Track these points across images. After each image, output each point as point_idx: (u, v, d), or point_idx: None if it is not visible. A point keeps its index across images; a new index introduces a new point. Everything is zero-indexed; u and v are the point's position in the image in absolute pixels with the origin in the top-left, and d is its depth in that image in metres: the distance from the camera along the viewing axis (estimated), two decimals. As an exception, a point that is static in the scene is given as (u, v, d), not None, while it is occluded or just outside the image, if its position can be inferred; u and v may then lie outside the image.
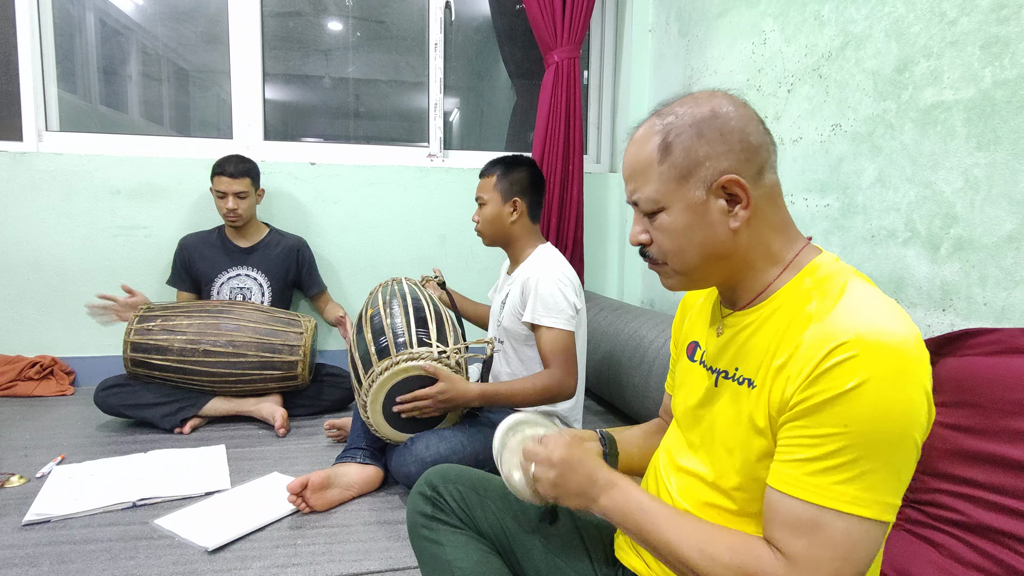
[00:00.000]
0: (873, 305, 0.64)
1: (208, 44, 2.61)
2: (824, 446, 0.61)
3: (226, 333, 2.00)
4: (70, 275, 2.42)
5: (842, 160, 1.53)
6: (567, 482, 0.78)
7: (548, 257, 1.72)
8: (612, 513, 0.76)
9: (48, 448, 1.81)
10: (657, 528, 0.71)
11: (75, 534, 1.34)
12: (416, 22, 2.76)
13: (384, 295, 1.73)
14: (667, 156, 0.73)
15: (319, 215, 2.61)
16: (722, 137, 0.71)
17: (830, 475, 0.61)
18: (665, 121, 0.74)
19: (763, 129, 0.73)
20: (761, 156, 0.72)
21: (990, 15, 1.14)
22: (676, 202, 0.73)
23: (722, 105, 0.73)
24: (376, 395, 1.51)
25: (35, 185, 2.36)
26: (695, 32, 2.27)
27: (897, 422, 0.60)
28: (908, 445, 0.61)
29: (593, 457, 0.81)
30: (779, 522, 0.64)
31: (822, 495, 0.61)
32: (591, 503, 0.78)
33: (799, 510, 0.62)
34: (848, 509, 0.60)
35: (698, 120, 0.72)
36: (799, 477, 0.63)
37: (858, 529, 0.60)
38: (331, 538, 1.37)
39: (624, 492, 0.76)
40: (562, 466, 0.78)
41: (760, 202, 0.72)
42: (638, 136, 0.77)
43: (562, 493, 0.79)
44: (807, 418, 0.63)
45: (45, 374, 2.38)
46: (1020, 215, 1.09)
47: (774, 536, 0.65)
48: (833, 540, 0.61)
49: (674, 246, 0.75)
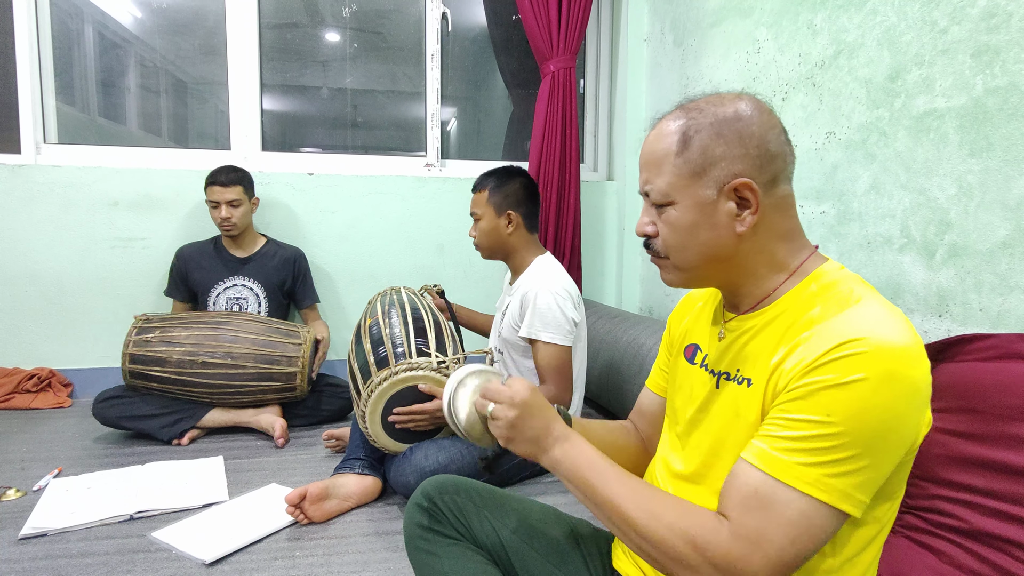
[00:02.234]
0: (881, 312, 0.64)
1: (206, 56, 2.63)
2: (802, 428, 0.61)
3: (224, 344, 2.00)
4: (68, 287, 2.42)
5: (837, 167, 1.53)
6: (524, 426, 0.77)
7: (547, 269, 1.71)
8: (561, 465, 0.75)
9: (45, 461, 1.80)
10: (606, 485, 0.71)
11: (72, 548, 1.34)
12: (413, 33, 2.78)
13: (383, 305, 1.73)
14: (684, 150, 0.73)
15: (317, 225, 2.62)
16: (740, 140, 0.71)
17: (798, 455, 0.61)
18: (688, 115, 0.74)
19: (784, 139, 0.73)
20: (776, 165, 0.72)
21: (980, 24, 1.15)
22: (686, 198, 0.73)
23: (746, 108, 0.73)
24: (375, 405, 1.51)
25: (33, 197, 2.37)
26: (690, 42, 2.29)
27: (880, 423, 0.60)
28: (887, 447, 0.61)
29: (552, 409, 0.81)
30: (735, 491, 0.64)
31: (783, 471, 0.61)
32: (542, 452, 0.77)
33: (757, 481, 0.62)
34: (806, 489, 0.60)
35: (719, 120, 0.72)
36: (766, 452, 0.63)
37: (811, 511, 0.60)
38: (329, 549, 1.36)
39: (577, 446, 0.76)
40: (523, 408, 0.77)
41: (769, 210, 0.72)
42: (660, 126, 0.77)
43: (516, 435, 0.78)
44: (794, 402, 0.63)
45: (43, 386, 2.37)
46: (1014, 221, 1.09)
47: (726, 505, 0.65)
48: (784, 518, 0.60)
49: (677, 242, 0.75)
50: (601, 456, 0.75)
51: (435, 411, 1.49)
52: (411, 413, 1.50)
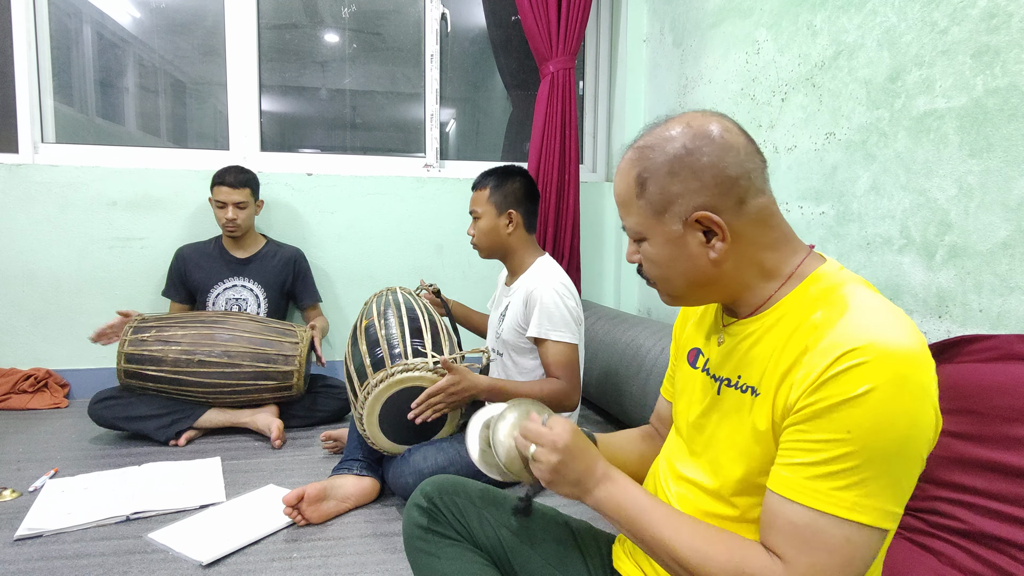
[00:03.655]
0: (882, 314, 0.64)
1: (205, 56, 2.62)
2: (825, 451, 0.61)
3: (221, 343, 1.99)
4: (65, 287, 2.41)
5: (836, 168, 1.53)
6: (567, 470, 0.77)
7: (548, 269, 1.71)
8: (606, 506, 0.75)
9: (41, 462, 1.79)
10: (652, 524, 0.71)
11: (67, 549, 1.33)
12: (412, 34, 2.78)
13: (379, 305, 1.72)
14: (643, 192, 0.74)
15: (316, 226, 2.61)
16: (694, 174, 0.71)
17: (829, 480, 0.60)
18: (642, 155, 0.75)
19: (743, 157, 0.71)
20: (740, 186, 0.71)
21: (980, 24, 1.15)
22: (656, 235, 0.75)
23: (696, 138, 0.71)
24: (372, 407, 1.50)
25: (30, 197, 2.36)
26: (689, 42, 2.29)
27: (900, 432, 0.59)
28: (910, 455, 0.60)
29: (594, 448, 0.80)
30: (777, 526, 0.64)
31: (821, 500, 0.61)
32: (585, 494, 0.77)
33: (797, 514, 0.62)
34: (846, 515, 0.60)
35: (670, 158, 0.72)
36: (799, 481, 0.62)
37: (856, 536, 0.60)
38: (327, 551, 1.35)
39: (621, 486, 0.76)
40: (566, 453, 0.77)
41: (746, 228, 0.72)
42: (620, 168, 0.78)
43: (558, 480, 0.78)
44: (810, 422, 0.62)
45: (39, 387, 2.36)
46: (1014, 222, 1.09)
47: (772, 540, 0.64)
48: (830, 546, 0.60)
49: (659, 274, 0.77)
50: (644, 494, 0.75)
51: (449, 387, 1.49)
52: (427, 399, 1.49)
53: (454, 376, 1.49)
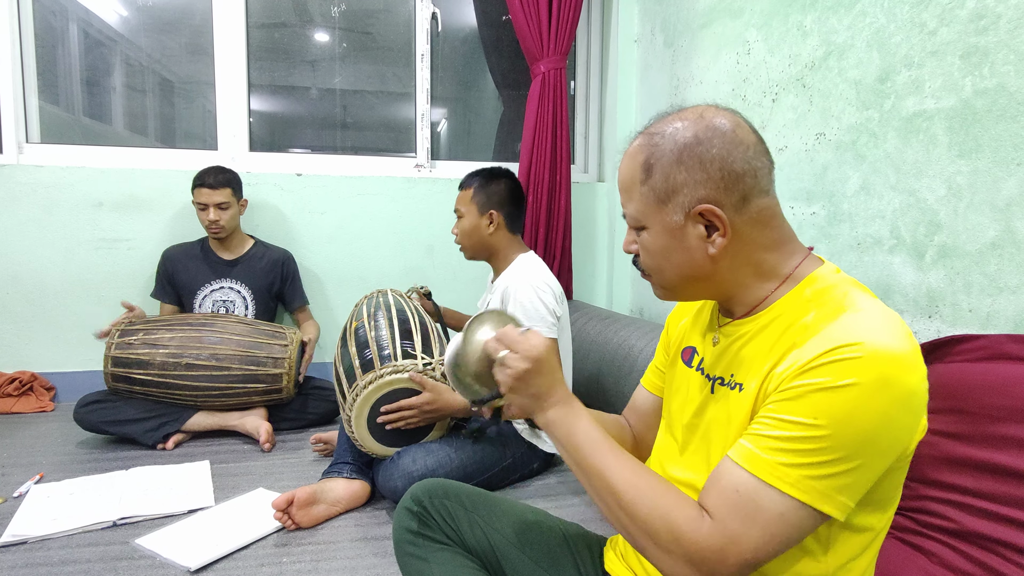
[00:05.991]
0: (878, 317, 0.64)
1: (193, 55, 2.59)
2: (790, 429, 0.61)
3: (209, 346, 1.97)
4: (50, 289, 2.38)
5: (827, 168, 1.54)
6: (531, 380, 0.76)
7: (528, 265, 1.71)
8: (557, 426, 0.75)
9: (26, 466, 1.77)
10: (596, 453, 0.71)
11: (53, 555, 1.31)
12: (403, 33, 2.76)
13: (369, 307, 1.71)
14: (648, 178, 0.73)
15: (306, 227, 2.59)
16: (701, 165, 0.70)
17: (783, 455, 0.61)
18: (651, 142, 0.74)
19: (752, 154, 0.72)
20: (745, 183, 0.71)
21: (969, 26, 1.15)
22: (656, 224, 0.74)
23: (707, 130, 0.71)
24: (361, 409, 1.49)
25: (15, 198, 2.33)
26: (680, 43, 2.29)
27: (869, 427, 0.59)
28: (874, 451, 0.60)
29: (561, 372, 0.80)
30: (719, 487, 0.64)
31: (767, 471, 0.61)
32: (540, 411, 0.77)
33: (741, 479, 0.63)
34: (787, 489, 0.60)
35: (680, 146, 0.71)
36: (751, 451, 0.63)
37: (792, 513, 0.60)
38: (317, 555, 1.34)
39: (575, 412, 0.76)
40: (536, 363, 0.76)
41: (746, 226, 0.72)
42: (628, 152, 0.78)
43: (520, 388, 0.77)
44: (786, 402, 0.63)
45: (24, 390, 2.33)
46: (1003, 222, 1.10)
47: (710, 499, 0.65)
48: (763, 518, 0.61)
49: (654, 264, 0.77)
50: (598, 428, 0.75)
51: (423, 405, 1.48)
52: (400, 409, 1.48)
53: (429, 396, 1.48)
